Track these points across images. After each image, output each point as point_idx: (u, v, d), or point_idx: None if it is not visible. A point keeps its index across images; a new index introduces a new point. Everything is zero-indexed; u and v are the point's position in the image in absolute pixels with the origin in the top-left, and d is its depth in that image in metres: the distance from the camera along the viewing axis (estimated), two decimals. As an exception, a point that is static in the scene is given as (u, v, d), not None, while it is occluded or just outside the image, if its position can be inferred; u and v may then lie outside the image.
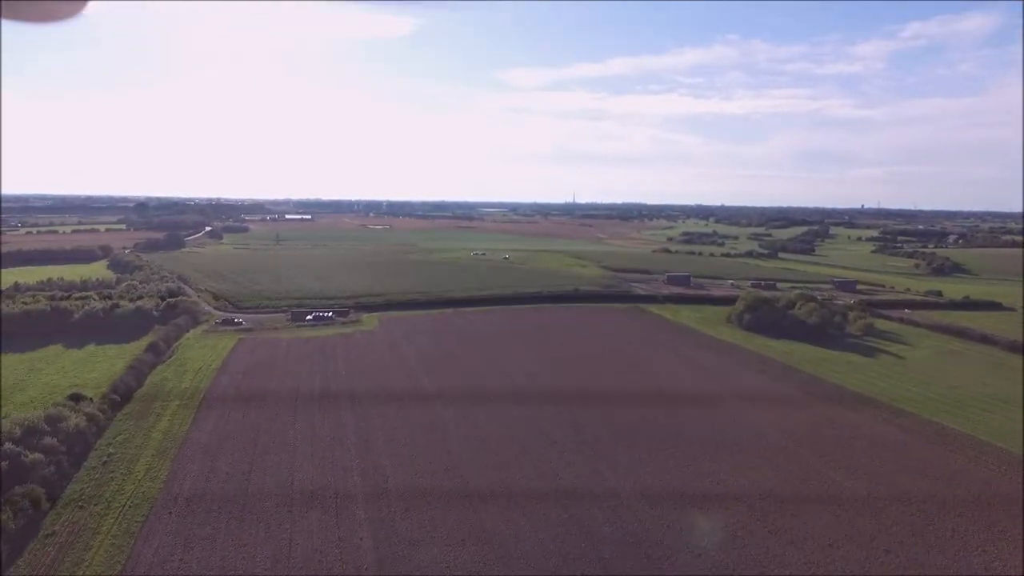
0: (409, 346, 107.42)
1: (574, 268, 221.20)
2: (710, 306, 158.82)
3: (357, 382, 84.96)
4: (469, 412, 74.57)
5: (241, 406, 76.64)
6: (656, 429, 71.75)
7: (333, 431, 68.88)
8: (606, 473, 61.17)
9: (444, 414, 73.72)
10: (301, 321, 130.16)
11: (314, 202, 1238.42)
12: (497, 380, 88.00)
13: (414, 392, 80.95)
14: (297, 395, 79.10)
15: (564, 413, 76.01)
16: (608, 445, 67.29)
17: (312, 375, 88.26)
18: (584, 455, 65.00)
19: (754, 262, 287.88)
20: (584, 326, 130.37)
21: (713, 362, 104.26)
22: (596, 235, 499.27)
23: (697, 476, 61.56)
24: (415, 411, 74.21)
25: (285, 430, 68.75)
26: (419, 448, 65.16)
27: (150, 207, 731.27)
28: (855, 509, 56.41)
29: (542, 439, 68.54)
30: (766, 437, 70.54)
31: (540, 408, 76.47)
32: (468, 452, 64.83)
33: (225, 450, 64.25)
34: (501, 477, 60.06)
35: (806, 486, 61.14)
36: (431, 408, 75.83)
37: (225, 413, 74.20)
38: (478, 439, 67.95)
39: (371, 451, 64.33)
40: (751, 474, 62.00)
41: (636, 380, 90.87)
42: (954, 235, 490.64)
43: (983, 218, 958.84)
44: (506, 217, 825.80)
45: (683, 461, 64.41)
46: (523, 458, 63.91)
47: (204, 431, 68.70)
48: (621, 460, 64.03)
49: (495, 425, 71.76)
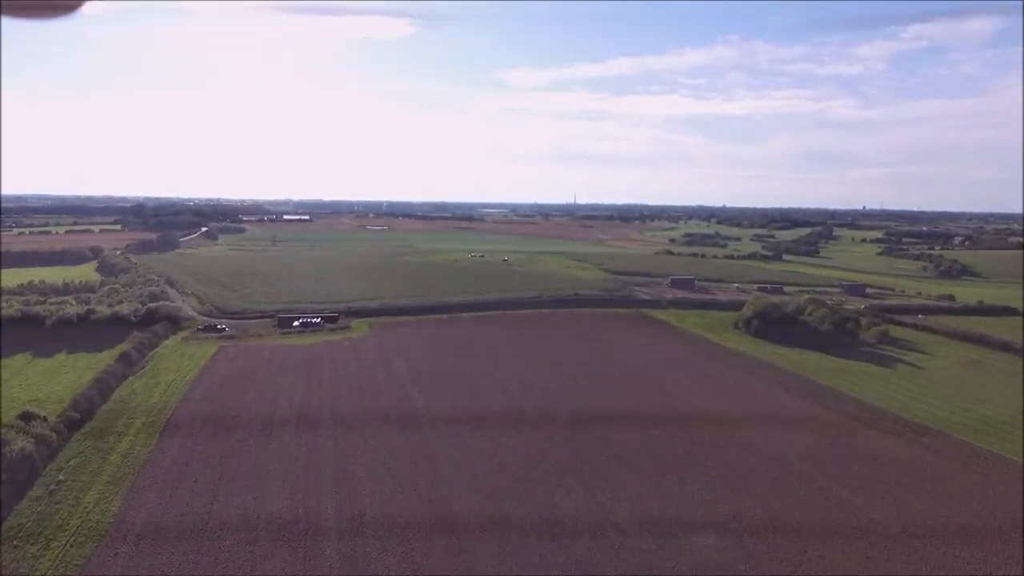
0: (399, 356, 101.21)
1: (574, 271, 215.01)
2: (716, 311, 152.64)
3: (339, 398, 78.70)
4: (460, 433, 68.35)
5: (211, 426, 70.48)
6: (664, 452, 65.54)
7: (309, 456, 62.66)
8: (609, 504, 54.97)
9: (433, 436, 67.51)
10: (288, 328, 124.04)
11: (314, 203, 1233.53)
12: (492, 395, 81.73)
13: (401, 410, 74.70)
14: (274, 414, 72.84)
15: (563, 433, 69.85)
16: (612, 471, 61.06)
17: (292, 390, 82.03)
18: (585, 482, 58.80)
19: (759, 264, 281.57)
20: (585, 333, 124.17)
21: (722, 374, 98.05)
22: (597, 236, 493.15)
23: (710, 506, 55.36)
24: (401, 432, 67.96)
25: (257, 454, 62.54)
26: (403, 475, 58.95)
27: (147, 208, 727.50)
28: (888, 545, 50.27)
29: (540, 464, 62.36)
30: (785, 461, 64.30)
31: (537, 428, 70.29)
32: (458, 479, 58.65)
33: (188, 477, 58.08)
34: (493, 509, 53.90)
35: (831, 517, 55.00)
36: (419, 429, 69.63)
37: (193, 433, 68.02)
38: (469, 464, 61.76)
39: (350, 479, 58.11)
40: (771, 503, 55.79)
41: (641, 395, 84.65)
42: (960, 237, 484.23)
43: (985, 219, 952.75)
44: (506, 218, 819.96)
45: (694, 489, 58.21)
46: (518, 486, 57.70)
47: (168, 454, 62.51)
48: (626, 488, 57.81)
49: (488, 447, 65.57)
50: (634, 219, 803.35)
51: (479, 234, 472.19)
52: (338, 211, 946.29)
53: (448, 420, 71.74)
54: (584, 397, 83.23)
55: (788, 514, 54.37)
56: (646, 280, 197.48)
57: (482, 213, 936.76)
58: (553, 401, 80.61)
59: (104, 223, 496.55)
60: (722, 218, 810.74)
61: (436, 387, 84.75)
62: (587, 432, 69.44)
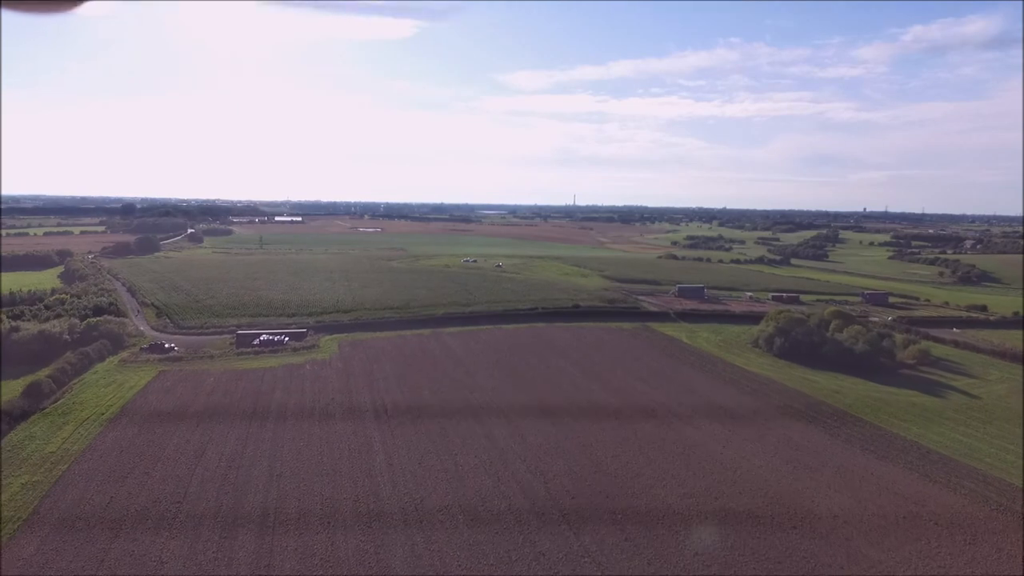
0: (366, 388, 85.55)
1: (574, 278, 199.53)
2: (730, 325, 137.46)
3: (281, 457, 62.87)
4: (430, 522, 52.79)
5: (106, 489, 55.07)
6: (688, 535, 50.12)
7: (219, 560, 47.00)
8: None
9: (394, 538, 51.45)
10: (246, 346, 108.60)
11: (312, 204, 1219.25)
12: (471, 450, 66.01)
13: (357, 479, 58.98)
14: (187, 485, 57.03)
15: (558, 509, 54.47)
16: (620, 568, 45.66)
17: (223, 441, 66.36)
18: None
19: (768, 270, 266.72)
20: (586, 355, 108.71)
21: (747, 407, 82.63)
22: (597, 239, 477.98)
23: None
24: (352, 522, 52.18)
25: (145, 557, 46.55)
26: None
27: (136, 209, 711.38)
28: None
29: (527, 556, 46.95)
30: (855, 550, 48.84)
31: (530, 506, 54.75)
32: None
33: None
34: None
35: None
36: (380, 519, 53.91)
37: (71, 512, 52.51)
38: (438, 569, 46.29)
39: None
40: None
41: (654, 443, 69.13)
42: (970, 240, 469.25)
43: (988, 222, 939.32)
44: (505, 220, 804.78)
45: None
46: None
47: (23, 555, 46.82)
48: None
49: (464, 543, 50.14)
50: (634, 221, 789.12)
51: (475, 237, 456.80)
52: (335, 212, 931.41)
53: (414, 503, 56.14)
54: (582, 450, 67.73)
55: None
56: (651, 288, 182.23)
57: (480, 215, 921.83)
58: (547, 459, 65.06)
59: (90, 224, 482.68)
60: (723, 220, 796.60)
61: (403, 437, 68.98)
62: (588, 508, 53.90)
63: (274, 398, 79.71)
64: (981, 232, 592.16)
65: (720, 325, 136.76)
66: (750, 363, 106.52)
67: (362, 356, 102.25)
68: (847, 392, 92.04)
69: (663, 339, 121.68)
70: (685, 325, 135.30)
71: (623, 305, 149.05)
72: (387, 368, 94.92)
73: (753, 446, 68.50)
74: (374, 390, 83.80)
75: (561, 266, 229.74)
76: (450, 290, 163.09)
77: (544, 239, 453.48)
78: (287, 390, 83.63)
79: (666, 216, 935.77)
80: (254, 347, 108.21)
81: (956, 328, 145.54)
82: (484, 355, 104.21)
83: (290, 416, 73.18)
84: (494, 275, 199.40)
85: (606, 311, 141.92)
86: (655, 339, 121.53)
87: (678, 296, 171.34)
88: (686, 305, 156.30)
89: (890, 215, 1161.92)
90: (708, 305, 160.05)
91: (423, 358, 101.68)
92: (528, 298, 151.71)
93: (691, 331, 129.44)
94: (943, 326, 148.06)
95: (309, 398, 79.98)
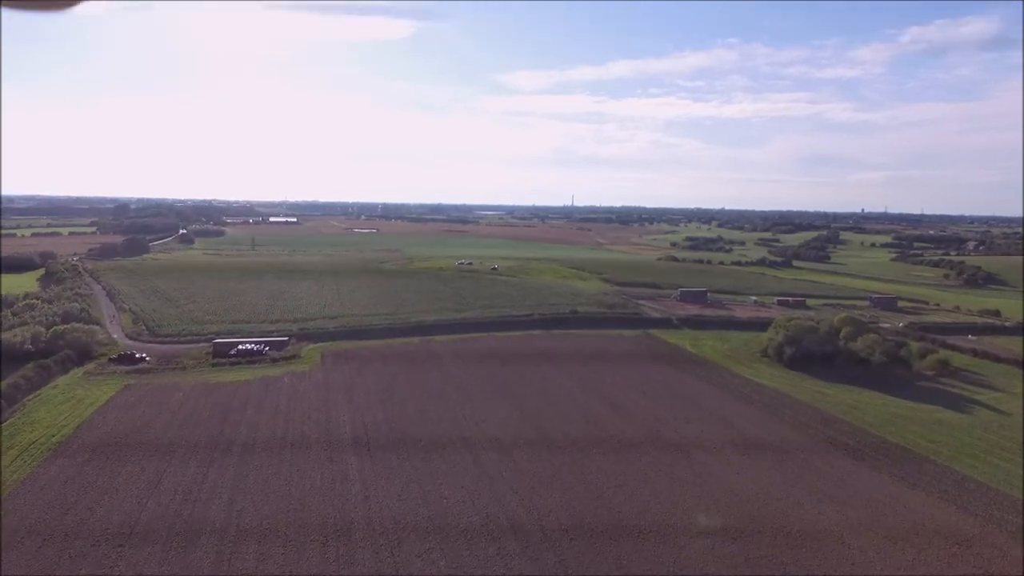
0: (345, 405, 78.76)
1: (572, 281, 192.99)
2: (736, 331, 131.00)
3: (244, 489, 55.94)
4: (406, 567, 46.18)
5: (40, 527, 48.35)
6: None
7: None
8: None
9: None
10: (223, 356, 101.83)
11: (309, 204, 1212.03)
12: (457, 480, 59.12)
13: (327, 516, 52.17)
14: (135, 523, 50.22)
15: (555, 552, 47.87)
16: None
17: (182, 469, 59.50)
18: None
19: (770, 272, 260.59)
20: (585, 366, 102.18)
21: (761, 426, 76.12)
22: (596, 240, 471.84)
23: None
24: (319, 569, 45.54)
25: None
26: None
27: (129, 209, 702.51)
28: None
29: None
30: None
31: (521, 549, 48.07)
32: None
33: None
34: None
35: None
36: (350, 565, 47.27)
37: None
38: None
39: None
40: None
41: (661, 469, 62.53)
42: (973, 241, 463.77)
43: (987, 222, 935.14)
44: (502, 220, 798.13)
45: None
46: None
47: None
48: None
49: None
50: (633, 222, 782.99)
51: (471, 238, 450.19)
52: (331, 212, 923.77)
53: (396, 560, 49.51)
54: (582, 479, 61.14)
55: None
56: (652, 292, 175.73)
57: (477, 216, 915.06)
58: (542, 491, 58.45)
59: (81, 225, 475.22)
60: (722, 221, 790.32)
61: (385, 464, 62.27)
62: (592, 551, 47.26)
63: (244, 417, 72.94)
64: (981, 233, 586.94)
65: (725, 332, 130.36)
66: (759, 374, 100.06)
67: (345, 367, 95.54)
68: (865, 408, 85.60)
69: (666, 348, 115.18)
70: (689, 332, 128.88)
71: (623, 311, 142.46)
72: (370, 381, 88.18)
73: (771, 474, 61.94)
74: (354, 407, 77.08)
75: (559, 269, 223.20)
76: (442, 295, 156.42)
77: (542, 240, 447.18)
78: (259, 407, 76.86)
79: (665, 217, 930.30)
80: (231, 357, 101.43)
81: (971, 335, 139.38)
82: (475, 367, 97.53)
83: (259, 440, 66.43)
84: (489, 278, 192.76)
85: (606, 317, 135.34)
86: (658, 348, 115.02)
87: (680, 300, 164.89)
88: (689, 310, 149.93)
89: (889, 216, 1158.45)
90: (712, 310, 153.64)
91: (410, 370, 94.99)
92: (524, 303, 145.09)
93: (695, 338, 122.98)
94: (957, 332, 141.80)
95: (282, 418, 73.22)
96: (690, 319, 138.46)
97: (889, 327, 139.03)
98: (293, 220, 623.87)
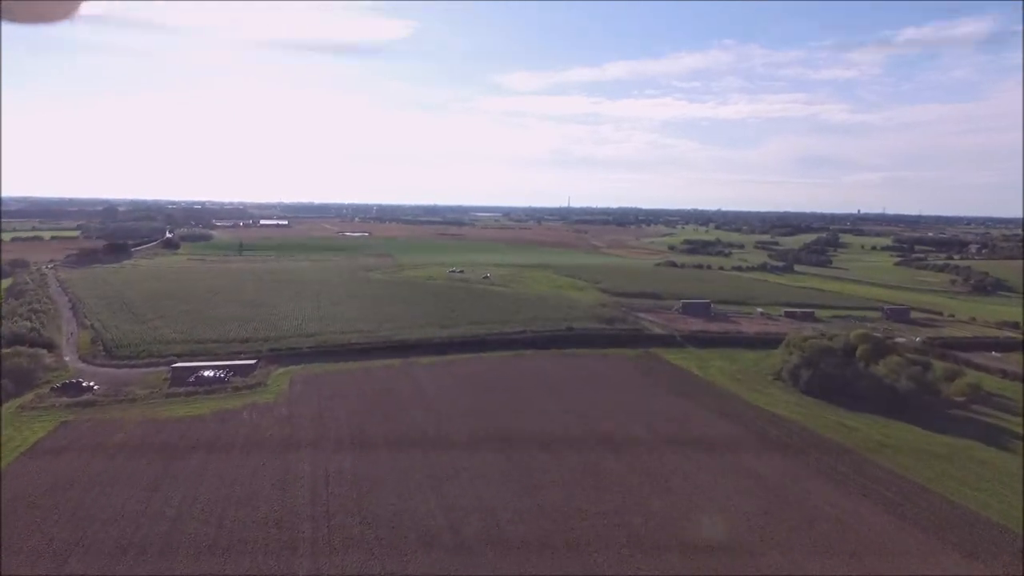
0: (309, 447, 68.75)
1: (567, 291, 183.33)
2: (744, 350, 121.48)
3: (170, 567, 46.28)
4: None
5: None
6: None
7: None
8: None
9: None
10: (181, 384, 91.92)
11: (304, 206, 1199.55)
12: (430, 547, 49.48)
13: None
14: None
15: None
16: None
17: (100, 540, 49.47)
18: None
19: (773, 279, 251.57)
20: (581, 394, 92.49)
21: (783, 472, 66.50)
22: (592, 243, 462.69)
23: None
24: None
25: None
26: None
27: (119, 211, 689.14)
28: None
29: None
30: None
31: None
32: None
33: None
34: None
35: None
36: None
37: None
38: None
39: None
40: None
41: (672, 532, 52.85)
42: (976, 244, 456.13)
43: (985, 223, 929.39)
44: (498, 222, 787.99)
45: None
46: None
47: None
48: None
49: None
50: (629, 223, 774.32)
51: (465, 241, 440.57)
52: (326, 214, 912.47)
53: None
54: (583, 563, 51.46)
55: None
56: (652, 304, 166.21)
57: (473, 217, 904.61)
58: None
59: (67, 229, 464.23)
60: (720, 223, 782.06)
61: (341, 553, 52.41)
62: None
63: (187, 466, 62.96)
64: (981, 235, 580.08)
65: (733, 350, 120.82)
66: (775, 402, 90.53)
67: (314, 397, 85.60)
68: (896, 443, 76.21)
69: (671, 371, 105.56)
70: (694, 351, 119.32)
71: (623, 327, 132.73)
72: (341, 416, 78.27)
73: (801, 537, 52.36)
74: (319, 451, 67.22)
75: (554, 277, 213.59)
76: (429, 308, 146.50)
77: (537, 243, 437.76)
78: (209, 450, 66.93)
79: (661, 218, 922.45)
80: (190, 385, 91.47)
81: (995, 351, 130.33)
82: (459, 397, 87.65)
83: (200, 495, 56.50)
84: (480, 288, 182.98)
85: (605, 335, 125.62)
86: (661, 371, 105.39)
87: (682, 313, 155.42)
88: (692, 325, 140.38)
89: (887, 217, 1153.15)
90: (716, 324, 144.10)
91: (386, 401, 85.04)
92: (516, 318, 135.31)
93: (701, 359, 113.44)
94: (979, 348, 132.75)
95: (233, 465, 63.27)
96: (694, 336, 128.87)
97: (906, 342, 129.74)
98: (284, 223, 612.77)
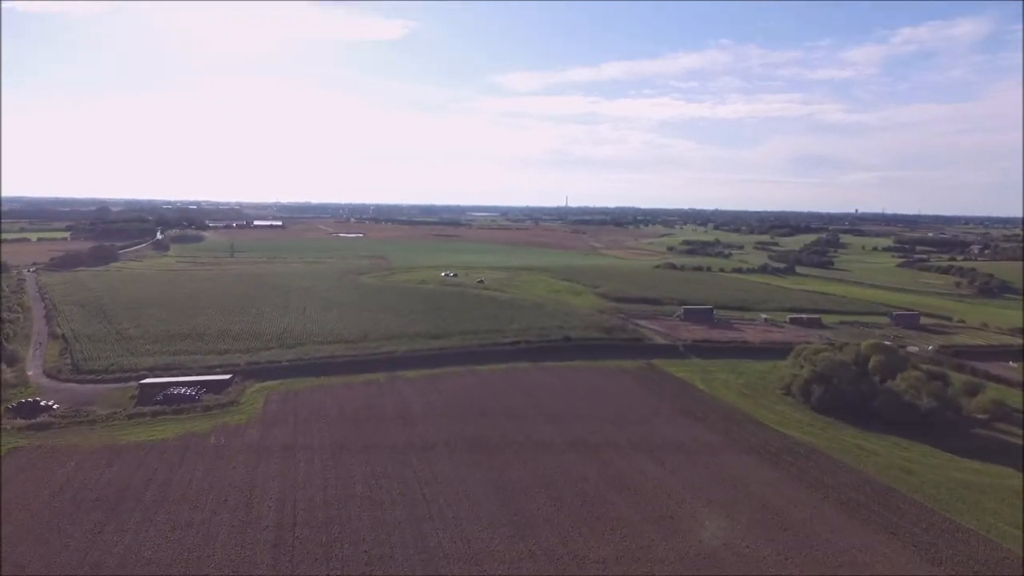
0: (276, 479, 62.12)
1: (564, 296, 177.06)
2: (750, 361, 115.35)
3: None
4: None
5: None
6: None
7: None
8: None
9: None
10: (147, 402, 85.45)
11: (300, 206, 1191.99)
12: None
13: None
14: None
15: None
16: None
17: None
18: None
19: (775, 281, 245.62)
20: (578, 413, 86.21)
21: (799, 504, 60.21)
22: (589, 244, 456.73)
23: None
24: None
25: None
26: None
27: (112, 211, 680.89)
28: None
29: None
30: None
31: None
32: None
33: None
34: None
35: None
36: None
37: None
38: None
39: None
40: None
41: None
42: (977, 245, 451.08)
43: (983, 223, 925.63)
44: (495, 222, 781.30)
45: None
46: None
47: None
48: None
49: None
50: (627, 223, 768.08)
51: (461, 243, 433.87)
52: (323, 214, 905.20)
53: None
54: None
55: None
56: (652, 309, 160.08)
57: (470, 217, 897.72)
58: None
59: (56, 230, 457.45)
60: (718, 223, 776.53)
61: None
62: None
63: (140, 504, 56.45)
64: (981, 235, 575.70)
65: (738, 361, 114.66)
66: (786, 422, 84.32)
67: (290, 419, 79.17)
68: (920, 470, 70.09)
69: (673, 385, 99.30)
70: (697, 362, 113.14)
71: (622, 336, 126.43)
72: (315, 440, 71.85)
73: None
74: (287, 483, 60.76)
75: (551, 281, 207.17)
76: (420, 315, 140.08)
77: (534, 244, 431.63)
78: (166, 485, 60.39)
79: (659, 218, 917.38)
80: (157, 403, 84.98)
81: (1012, 361, 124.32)
82: (447, 417, 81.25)
83: (149, 540, 50.05)
84: (474, 293, 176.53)
85: (603, 344, 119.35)
86: (664, 385, 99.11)
87: (684, 320, 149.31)
88: (694, 332, 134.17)
89: (885, 216, 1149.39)
90: (719, 332, 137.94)
91: (368, 422, 78.63)
92: (510, 326, 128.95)
93: (705, 371, 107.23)
94: (994, 357, 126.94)
95: (189, 503, 56.74)
96: (697, 345, 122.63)
97: (919, 352, 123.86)
98: (278, 224, 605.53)
